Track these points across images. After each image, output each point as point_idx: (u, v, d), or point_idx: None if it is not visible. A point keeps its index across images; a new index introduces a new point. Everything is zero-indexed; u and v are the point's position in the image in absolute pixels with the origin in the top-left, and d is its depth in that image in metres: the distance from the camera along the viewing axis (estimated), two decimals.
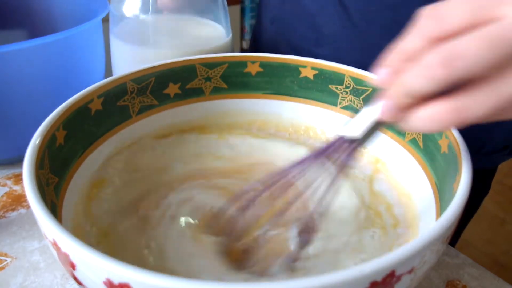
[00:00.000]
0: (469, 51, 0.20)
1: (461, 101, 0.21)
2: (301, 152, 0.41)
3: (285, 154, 0.41)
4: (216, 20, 0.51)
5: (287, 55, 0.42)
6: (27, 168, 0.27)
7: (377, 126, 0.26)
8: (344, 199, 0.36)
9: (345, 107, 0.42)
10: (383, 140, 0.39)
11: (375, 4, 0.48)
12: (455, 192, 0.26)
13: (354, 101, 0.41)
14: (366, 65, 0.40)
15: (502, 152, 0.57)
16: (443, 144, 0.32)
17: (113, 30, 0.49)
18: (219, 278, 0.28)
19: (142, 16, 0.47)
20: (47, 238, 0.24)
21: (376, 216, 0.35)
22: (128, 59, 0.48)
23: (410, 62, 0.22)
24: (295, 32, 0.55)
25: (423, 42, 0.22)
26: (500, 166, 0.60)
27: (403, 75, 0.22)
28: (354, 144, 0.27)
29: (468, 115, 0.21)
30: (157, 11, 0.48)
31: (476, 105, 0.21)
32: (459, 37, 0.21)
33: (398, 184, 0.37)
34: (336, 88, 0.41)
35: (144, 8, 0.47)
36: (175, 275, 0.20)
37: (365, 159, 0.40)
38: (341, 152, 0.27)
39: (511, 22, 0.20)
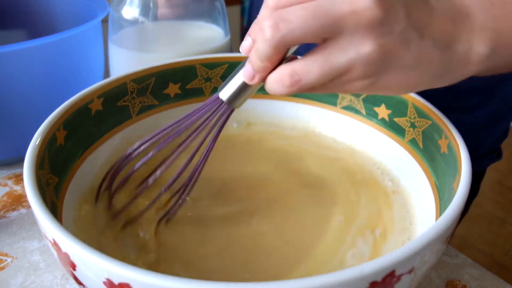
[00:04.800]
0: (294, 16, 0.23)
1: (297, 65, 0.24)
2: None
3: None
4: (215, 22, 0.51)
5: None
6: (27, 168, 0.27)
7: (246, 90, 0.29)
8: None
9: (345, 107, 0.42)
10: (383, 140, 0.39)
11: None
12: (455, 192, 0.26)
13: (354, 101, 0.41)
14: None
15: (491, 155, 0.58)
16: (443, 144, 0.32)
17: (112, 37, 0.49)
18: None
19: (141, 22, 0.48)
20: (47, 238, 0.24)
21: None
22: (127, 65, 0.48)
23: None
24: None
25: (267, 13, 0.24)
26: (499, 167, 0.60)
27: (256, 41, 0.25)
28: (226, 107, 0.29)
29: (302, 78, 0.24)
30: (157, 18, 0.48)
31: (308, 69, 0.24)
32: (295, 5, 0.24)
33: (398, 184, 0.37)
34: None
35: (144, 14, 0.47)
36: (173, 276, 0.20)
37: (365, 159, 0.40)
38: (216, 114, 0.30)
39: None
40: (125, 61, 0.49)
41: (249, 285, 0.19)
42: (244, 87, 0.28)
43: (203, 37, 0.50)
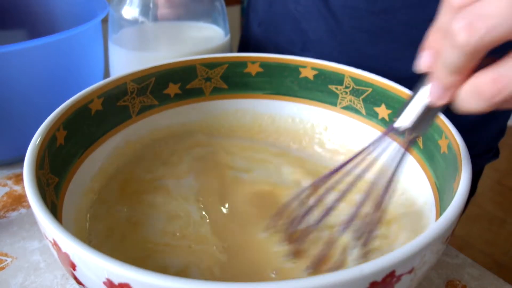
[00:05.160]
0: (490, 11, 0.19)
1: (499, 69, 0.20)
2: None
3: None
4: (215, 22, 0.51)
5: (286, 55, 0.43)
6: (27, 168, 0.27)
7: (431, 112, 0.25)
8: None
9: (345, 107, 0.42)
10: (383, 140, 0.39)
11: (363, 10, 0.48)
12: (455, 192, 0.26)
13: (354, 101, 0.41)
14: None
15: (487, 155, 0.58)
16: (443, 144, 0.32)
17: (112, 36, 0.49)
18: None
19: (141, 22, 0.48)
20: (47, 238, 0.24)
21: None
22: (127, 65, 0.48)
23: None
24: (282, 36, 0.56)
25: (451, 14, 0.21)
26: (499, 167, 0.60)
27: (441, 52, 0.21)
28: (410, 136, 0.26)
29: (506, 83, 0.20)
30: (157, 18, 0.48)
31: None
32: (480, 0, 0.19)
33: (398, 184, 0.37)
34: (336, 88, 0.41)
35: (144, 14, 0.47)
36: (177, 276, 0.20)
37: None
38: (395, 147, 0.27)
39: None
40: (125, 61, 0.49)
41: (249, 285, 0.19)
42: (428, 110, 0.25)
43: (203, 37, 0.50)
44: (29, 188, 0.25)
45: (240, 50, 0.67)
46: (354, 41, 0.49)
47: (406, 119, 0.26)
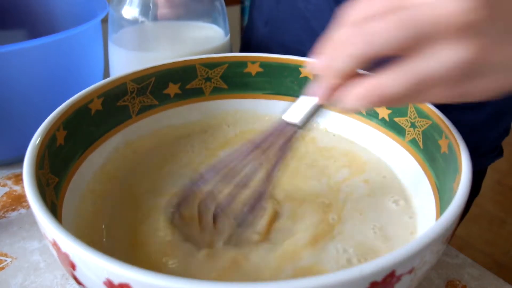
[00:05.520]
0: (381, 29, 0.22)
1: (380, 79, 0.23)
2: None
3: None
4: (215, 22, 0.51)
5: (286, 55, 0.42)
6: (27, 168, 0.27)
7: (316, 109, 0.29)
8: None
9: None
10: (383, 140, 0.39)
11: None
12: (455, 192, 0.26)
13: None
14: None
15: (492, 154, 0.58)
16: (443, 144, 0.32)
17: (112, 36, 0.49)
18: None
19: (141, 22, 0.48)
20: (47, 238, 0.24)
21: None
22: (127, 65, 0.48)
23: (338, 46, 0.24)
24: (290, 34, 0.55)
25: (348, 27, 0.24)
26: (499, 167, 0.60)
27: (332, 57, 0.25)
28: (295, 128, 0.29)
29: (386, 92, 0.23)
30: (157, 18, 0.48)
31: (392, 82, 0.23)
32: (380, 17, 0.23)
33: (398, 184, 0.37)
34: None
35: (144, 14, 0.47)
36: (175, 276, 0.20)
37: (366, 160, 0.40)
38: (282, 137, 0.30)
39: (428, 6, 0.22)
40: (125, 61, 0.49)
41: (249, 285, 0.19)
42: (313, 107, 0.29)
43: (203, 37, 0.50)
44: (29, 188, 0.25)
45: (243, 49, 0.66)
46: None
47: (295, 116, 0.29)
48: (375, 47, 0.22)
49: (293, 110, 0.29)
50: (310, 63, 0.26)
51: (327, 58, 0.25)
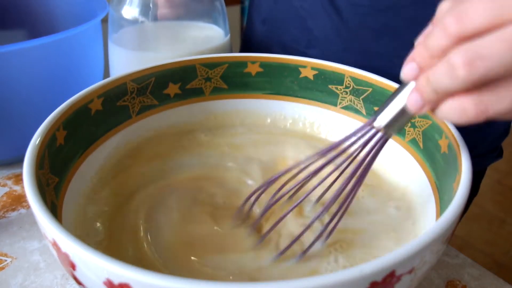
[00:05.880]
0: (491, 53, 0.21)
1: (484, 97, 0.22)
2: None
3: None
4: (215, 22, 0.51)
5: (286, 55, 0.42)
6: (27, 168, 0.27)
7: (406, 116, 0.27)
8: None
9: (345, 107, 0.42)
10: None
11: (367, 8, 0.48)
12: (455, 192, 0.26)
13: (354, 101, 0.41)
14: (358, 68, 0.40)
15: (491, 154, 0.58)
16: (443, 144, 0.32)
17: (112, 36, 0.49)
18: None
19: (141, 22, 0.48)
20: (47, 238, 0.24)
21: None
22: (127, 65, 0.48)
23: (435, 58, 0.23)
24: (287, 33, 0.56)
25: (447, 41, 0.23)
26: (499, 167, 0.60)
27: (430, 72, 0.23)
28: (382, 135, 0.28)
29: (489, 108, 0.22)
30: (156, 18, 0.48)
31: (497, 100, 0.22)
32: (482, 37, 0.21)
33: (398, 184, 0.37)
34: (336, 88, 0.41)
35: (144, 14, 0.47)
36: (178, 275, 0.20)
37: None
38: (367, 143, 0.28)
39: None
40: (125, 61, 0.49)
41: (249, 285, 0.19)
42: (405, 115, 0.27)
43: (203, 37, 0.50)
44: (29, 188, 0.25)
45: (243, 49, 0.66)
46: (359, 38, 0.49)
47: (381, 120, 0.27)
48: (482, 71, 0.21)
49: (384, 116, 0.27)
50: (405, 69, 0.25)
51: (423, 68, 0.24)
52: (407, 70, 0.25)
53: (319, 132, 0.44)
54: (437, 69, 0.23)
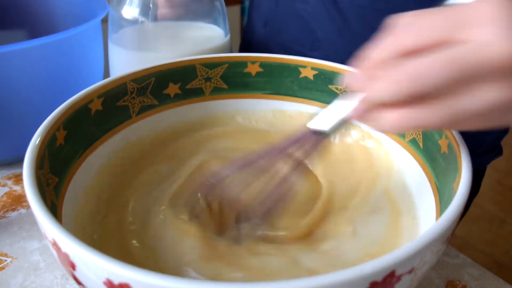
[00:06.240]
0: (432, 72, 0.23)
1: (418, 112, 0.24)
2: None
3: None
4: (215, 22, 0.51)
5: (286, 55, 0.43)
6: (27, 168, 0.27)
7: (344, 122, 0.29)
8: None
9: None
10: (383, 140, 0.39)
11: (369, 9, 0.48)
12: (455, 192, 0.26)
13: None
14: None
15: (491, 153, 0.58)
16: (443, 144, 0.32)
17: (112, 36, 0.49)
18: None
19: (141, 22, 0.48)
20: (47, 238, 0.24)
21: None
22: (127, 65, 0.48)
23: (381, 69, 0.25)
24: (289, 35, 0.56)
25: (395, 54, 0.24)
26: (499, 167, 0.60)
27: (376, 83, 0.25)
28: (321, 137, 0.29)
29: (421, 123, 0.24)
30: (156, 18, 0.48)
31: (429, 116, 0.24)
32: (427, 53, 0.23)
33: (398, 184, 0.37)
34: (336, 88, 0.41)
35: (144, 14, 0.47)
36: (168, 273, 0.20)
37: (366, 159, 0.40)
38: (307, 143, 0.30)
39: (474, 46, 0.22)
40: (125, 61, 0.49)
41: (249, 285, 0.19)
42: (344, 120, 0.28)
43: (203, 37, 0.50)
44: (29, 188, 0.25)
45: (242, 50, 0.66)
46: (362, 40, 0.49)
47: (324, 124, 0.29)
48: (419, 88, 0.23)
49: (321, 118, 0.29)
50: (349, 77, 0.26)
51: (369, 78, 0.25)
52: (350, 78, 0.26)
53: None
54: (382, 83, 0.24)
